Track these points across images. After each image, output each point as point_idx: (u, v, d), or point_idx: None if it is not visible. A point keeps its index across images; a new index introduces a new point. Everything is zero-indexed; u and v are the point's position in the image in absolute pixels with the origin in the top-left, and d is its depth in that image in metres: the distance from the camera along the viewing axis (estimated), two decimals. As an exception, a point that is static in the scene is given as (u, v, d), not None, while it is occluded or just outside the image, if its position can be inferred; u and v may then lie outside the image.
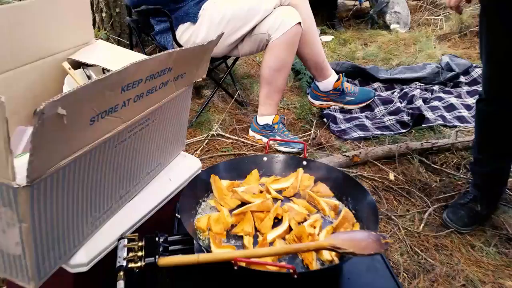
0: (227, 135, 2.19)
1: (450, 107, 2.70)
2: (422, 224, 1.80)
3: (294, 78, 2.93)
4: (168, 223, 1.14)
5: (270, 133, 2.09)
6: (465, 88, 2.97)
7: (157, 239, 1.00)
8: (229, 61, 2.57)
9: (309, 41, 2.11)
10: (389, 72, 3.08)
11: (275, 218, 1.03)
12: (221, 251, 0.87)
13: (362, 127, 2.38)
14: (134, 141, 1.00)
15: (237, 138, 2.16)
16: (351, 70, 2.93)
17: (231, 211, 1.05)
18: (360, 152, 2.08)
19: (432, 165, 2.13)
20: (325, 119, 2.40)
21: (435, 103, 2.73)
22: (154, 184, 1.18)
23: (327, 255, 0.90)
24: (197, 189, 1.08)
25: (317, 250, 0.85)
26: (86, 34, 1.32)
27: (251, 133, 2.19)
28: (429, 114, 2.55)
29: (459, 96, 2.85)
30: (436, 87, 2.93)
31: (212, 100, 2.48)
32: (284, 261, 0.90)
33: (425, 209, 1.89)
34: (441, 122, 2.49)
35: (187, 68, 1.04)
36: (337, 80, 2.35)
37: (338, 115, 2.48)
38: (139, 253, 0.96)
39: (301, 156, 1.21)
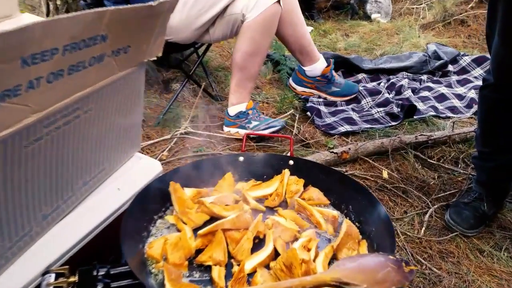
0: (200, 132, 1.91)
1: (441, 97, 2.52)
2: (423, 228, 1.58)
3: (273, 70, 2.68)
4: (116, 249, 0.87)
5: (246, 120, 1.83)
6: (454, 77, 2.80)
7: (95, 272, 0.74)
8: (201, 51, 2.29)
9: (291, 21, 1.86)
10: (374, 62, 2.87)
11: (256, 237, 0.77)
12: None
13: (349, 121, 2.16)
14: (58, 140, 0.72)
15: (212, 135, 1.89)
16: (334, 61, 2.70)
17: (196, 230, 0.78)
18: (349, 148, 1.84)
19: (429, 160, 1.93)
20: (308, 113, 2.16)
21: (425, 93, 2.54)
22: (97, 196, 0.91)
23: (328, 290, 0.65)
24: (150, 202, 0.81)
25: (317, 287, 0.59)
26: (7, 6, 1.03)
27: (225, 129, 1.92)
28: (419, 105, 2.35)
29: (449, 86, 2.67)
30: (424, 77, 2.75)
31: (182, 95, 2.20)
32: (269, 301, 0.65)
33: (424, 210, 1.68)
34: (433, 113, 2.30)
35: (132, 39, 0.77)
36: (326, 66, 2.11)
37: (323, 108, 2.25)
38: (70, 294, 0.70)
39: (285, 154, 0.95)
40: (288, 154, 0.96)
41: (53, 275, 0.75)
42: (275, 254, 0.74)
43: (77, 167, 0.81)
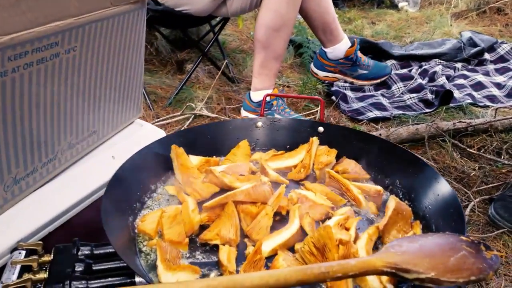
0: (214, 115, 1.76)
1: (478, 86, 2.29)
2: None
3: (294, 55, 2.51)
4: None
5: (268, 111, 1.66)
6: (491, 66, 2.58)
7: (74, 251, 0.59)
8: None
9: (315, -6, 1.68)
10: (404, 49, 2.67)
11: (276, 214, 0.60)
12: (168, 280, 0.45)
13: (379, 106, 1.97)
14: (31, 81, 0.57)
15: (226, 118, 1.73)
16: (361, 45, 2.52)
17: (202, 203, 0.62)
18: (380, 134, 1.65)
19: (468, 149, 1.72)
20: (333, 97, 1.98)
21: (460, 81, 2.33)
22: (86, 163, 0.76)
23: (374, 281, 0.48)
24: (146, 168, 0.66)
25: (362, 275, 0.42)
26: None
27: (243, 113, 1.76)
28: (455, 93, 2.14)
29: (486, 74, 2.45)
30: (458, 65, 2.53)
31: (197, 76, 2.05)
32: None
33: (465, 204, 1.47)
34: (471, 101, 2.08)
35: (126, -39, 0.62)
36: (350, 47, 1.92)
37: (349, 93, 2.06)
38: (40, 275, 0.55)
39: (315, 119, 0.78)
40: (317, 120, 0.79)
41: (23, 252, 0.60)
42: (302, 234, 0.57)
43: (59, 123, 0.66)
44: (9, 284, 0.53)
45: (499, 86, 2.32)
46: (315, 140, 0.75)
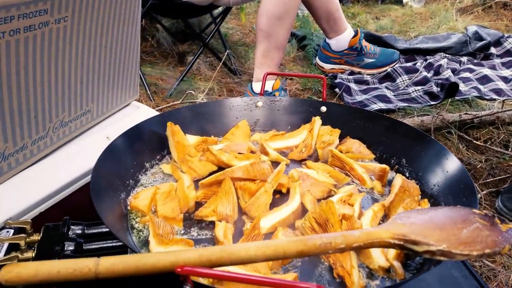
0: (215, 106, 1.73)
1: (485, 79, 2.25)
2: (472, 216, 1.34)
3: (298, 48, 2.47)
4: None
5: None
6: (498, 60, 2.53)
7: (65, 230, 0.56)
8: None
9: (318, -19, 1.65)
10: (409, 43, 2.64)
11: (276, 192, 0.57)
12: (158, 251, 0.42)
13: (383, 99, 1.93)
14: (18, 50, 0.55)
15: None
16: (364, 39, 2.48)
17: (198, 181, 0.59)
18: (384, 125, 1.62)
19: (474, 141, 1.68)
20: (337, 89, 1.95)
21: (466, 74, 2.29)
22: (80, 143, 0.73)
23: (379, 258, 0.45)
24: (141, 145, 0.63)
25: (367, 247, 0.39)
26: None
27: (245, 104, 1.73)
28: (461, 86, 2.10)
29: (492, 68, 2.41)
30: (464, 59, 2.49)
31: (199, 67, 2.03)
32: (292, 271, 0.45)
33: (472, 196, 1.43)
34: (477, 94, 2.04)
35: None
36: (354, 36, 1.88)
37: (353, 85, 2.02)
38: (28, 254, 0.52)
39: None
40: (320, 100, 0.76)
41: (11, 231, 0.58)
42: (303, 212, 0.54)
43: (50, 99, 0.64)
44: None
45: (505, 79, 2.28)
46: (317, 119, 0.72)
